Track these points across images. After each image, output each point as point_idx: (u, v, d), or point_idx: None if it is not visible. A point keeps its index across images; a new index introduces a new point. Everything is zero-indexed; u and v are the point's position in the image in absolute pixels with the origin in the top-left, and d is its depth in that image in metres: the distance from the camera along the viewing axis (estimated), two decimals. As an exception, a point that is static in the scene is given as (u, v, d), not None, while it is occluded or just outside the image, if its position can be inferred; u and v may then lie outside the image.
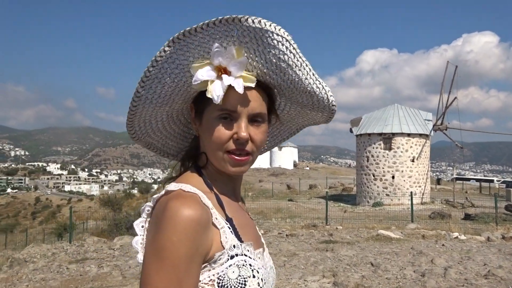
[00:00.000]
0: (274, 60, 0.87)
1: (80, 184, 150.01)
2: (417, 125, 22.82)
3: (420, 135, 22.67)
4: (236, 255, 0.86)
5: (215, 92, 0.86)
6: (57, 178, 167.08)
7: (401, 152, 22.42)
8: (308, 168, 65.03)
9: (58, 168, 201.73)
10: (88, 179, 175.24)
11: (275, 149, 68.31)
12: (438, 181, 38.17)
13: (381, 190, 22.62)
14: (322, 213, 16.10)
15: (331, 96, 0.95)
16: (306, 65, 0.89)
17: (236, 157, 0.90)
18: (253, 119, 0.92)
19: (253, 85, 0.89)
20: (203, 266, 0.84)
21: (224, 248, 0.85)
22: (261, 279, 0.86)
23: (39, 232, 27.07)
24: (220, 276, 0.83)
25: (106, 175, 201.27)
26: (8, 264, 9.68)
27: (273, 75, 0.91)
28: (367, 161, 23.14)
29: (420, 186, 22.71)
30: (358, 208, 21.58)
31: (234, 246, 0.86)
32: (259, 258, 0.90)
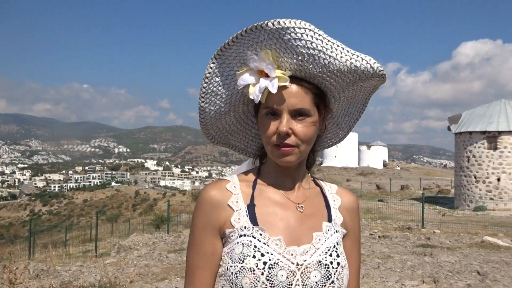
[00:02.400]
0: (304, 51, 0.93)
1: (173, 179, 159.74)
2: (529, 123, 20.44)
3: (532, 134, 20.28)
4: (245, 235, 0.97)
5: (255, 93, 0.98)
6: (154, 174, 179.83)
7: (509, 152, 20.25)
8: (399, 168, 62.00)
9: (154, 164, 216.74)
10: (181, 175, 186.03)
11: (364, 148, 66.17)
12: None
13: (484, 193, 20.69)
14: (416, 215, 15.20)
15: (374, 63, 0.95)
16: (338, 46, 0.93)
17: (281, 148, 0.99)
18: (296, 114, 0.98)
19: (286, 83, 0.97)
20: (224, 241, 1.02)
21: (234, 227, 0.99)
22: (264, 262, 0.93)
23: (139, 223, 29.41)
24: (231, 250, 0.98)
25: (197, 172, 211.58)
26: (116, 250, 10.65)
27: (309, 65, 0.95)
28: (468, 161, 21.32)
29: (531, 191, 20.34)
30: (456, 212, 20.00)
31: (245, 227, 0.98)
32: (276, 244, 0.96)
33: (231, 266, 0.96)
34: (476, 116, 21.56)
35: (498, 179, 20.43)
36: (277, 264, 0.94)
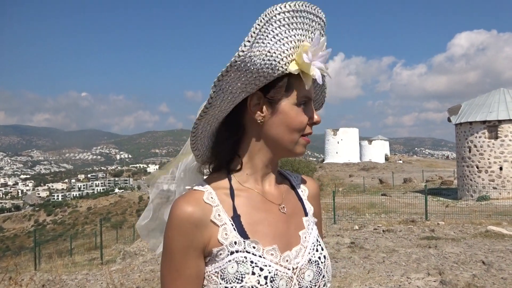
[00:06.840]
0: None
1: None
2: (528, 110, 20.38)
3: (533, 121, 20.23)
4: (237, 251, 0.88)
5: (316, 73, 0.90)
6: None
7: (510, 141, 20.20)
8: (401, 161, 61.94)
9: (156, 169, 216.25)
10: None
11: (365, 143, 66.06)
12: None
13: (486, 183, 20.66)
14: (420, 208, 15.18)
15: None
16: None
17: (307, 139, 0.98)
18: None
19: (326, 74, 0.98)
20: (208, 259, 0.91)
21: (222, 245, 0.89)
22: (265, 276, 0.87)
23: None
24: (221, 269, 0.88)
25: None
26: (121, 257, 10.67)
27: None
28: (469, 151, 21.29)
29: (534, 178, 20.29)
30: (460, 203, 19.95)
31: (235, 242, 0.89)
32: (271, 254, 0.90)
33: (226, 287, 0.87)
34: (476, 106, 21.53)
35: (500, 168, 20.41)
36: (276, 275, 0.89)
